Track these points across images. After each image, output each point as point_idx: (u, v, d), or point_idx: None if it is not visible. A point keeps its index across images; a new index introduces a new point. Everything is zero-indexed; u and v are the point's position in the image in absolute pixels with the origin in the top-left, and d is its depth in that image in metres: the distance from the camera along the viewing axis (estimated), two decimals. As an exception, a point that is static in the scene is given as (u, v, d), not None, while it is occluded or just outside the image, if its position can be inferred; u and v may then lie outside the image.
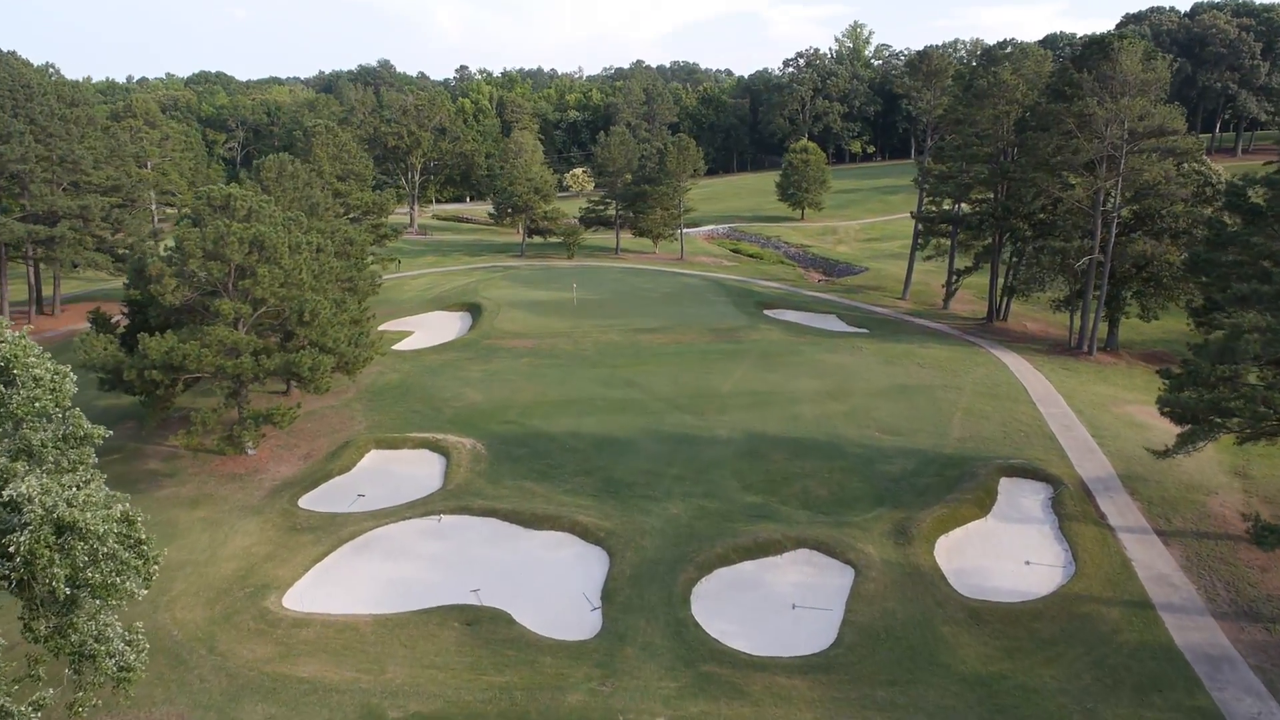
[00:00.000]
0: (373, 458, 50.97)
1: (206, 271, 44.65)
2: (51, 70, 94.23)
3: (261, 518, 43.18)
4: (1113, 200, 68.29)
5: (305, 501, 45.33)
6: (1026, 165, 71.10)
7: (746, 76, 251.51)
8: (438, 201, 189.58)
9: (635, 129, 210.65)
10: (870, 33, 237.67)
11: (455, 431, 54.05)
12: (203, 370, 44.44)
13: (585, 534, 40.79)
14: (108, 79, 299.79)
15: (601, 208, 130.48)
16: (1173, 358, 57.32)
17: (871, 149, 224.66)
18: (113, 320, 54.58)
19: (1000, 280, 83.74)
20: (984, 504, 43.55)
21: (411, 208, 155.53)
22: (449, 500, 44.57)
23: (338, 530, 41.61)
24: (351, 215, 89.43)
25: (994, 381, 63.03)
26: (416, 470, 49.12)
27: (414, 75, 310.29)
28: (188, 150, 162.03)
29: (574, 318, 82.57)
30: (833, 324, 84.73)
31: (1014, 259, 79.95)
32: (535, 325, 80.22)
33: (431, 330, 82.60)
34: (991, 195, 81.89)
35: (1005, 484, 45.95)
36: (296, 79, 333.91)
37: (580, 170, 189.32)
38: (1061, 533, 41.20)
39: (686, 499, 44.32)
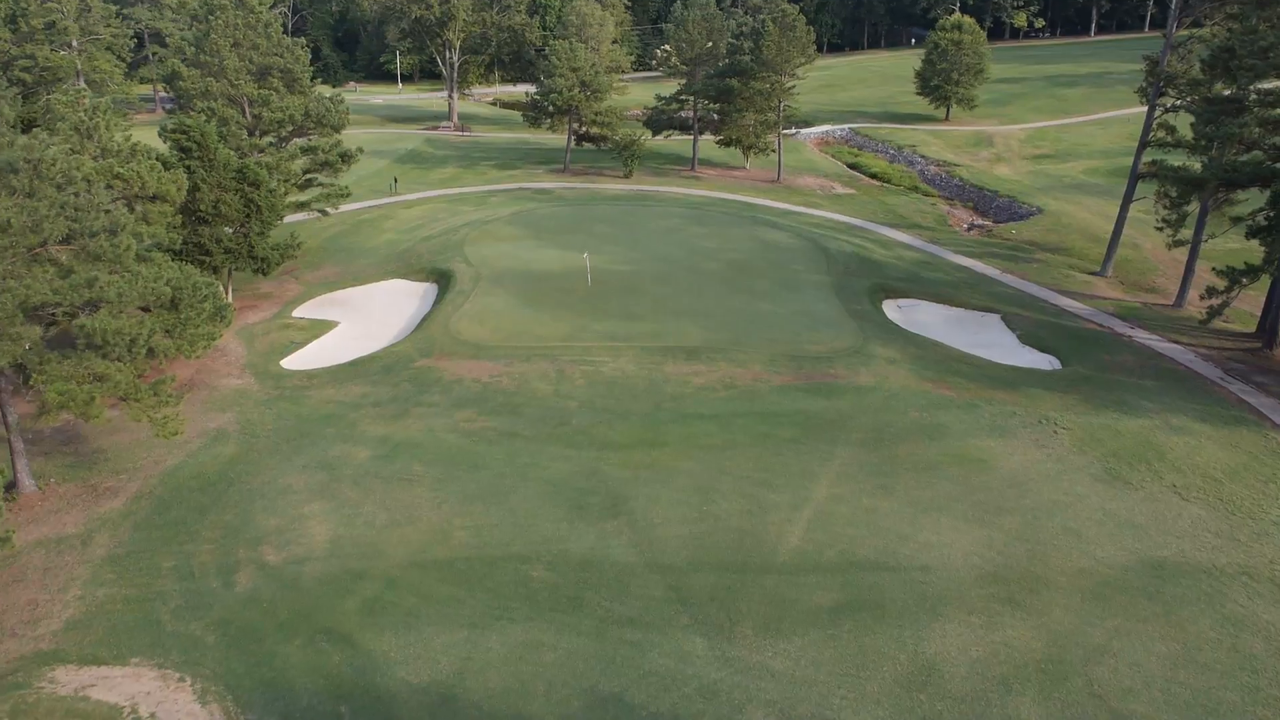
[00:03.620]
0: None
1: None
2: None
3: None
4: None
5: None
6: None
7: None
8: (501, 83, 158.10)
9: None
10: None
11: (206, 674, 26.24)
12: None
13: None
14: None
15: (675, 107, 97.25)
16: None
17: (1040, 23, 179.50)
18: None
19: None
20: None
21: (450, 95, 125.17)
22: None
23: None
24: (278, 136, 60.57)
25: (1346, 560, 31.00)
26: None
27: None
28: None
29: (578, 314, 52.77)
30: (997, 341, 52.33)
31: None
32: (512, 328, 50.88)
33: (364, 321, 54.50)
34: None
35: None
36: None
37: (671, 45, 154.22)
38: None
39: None
